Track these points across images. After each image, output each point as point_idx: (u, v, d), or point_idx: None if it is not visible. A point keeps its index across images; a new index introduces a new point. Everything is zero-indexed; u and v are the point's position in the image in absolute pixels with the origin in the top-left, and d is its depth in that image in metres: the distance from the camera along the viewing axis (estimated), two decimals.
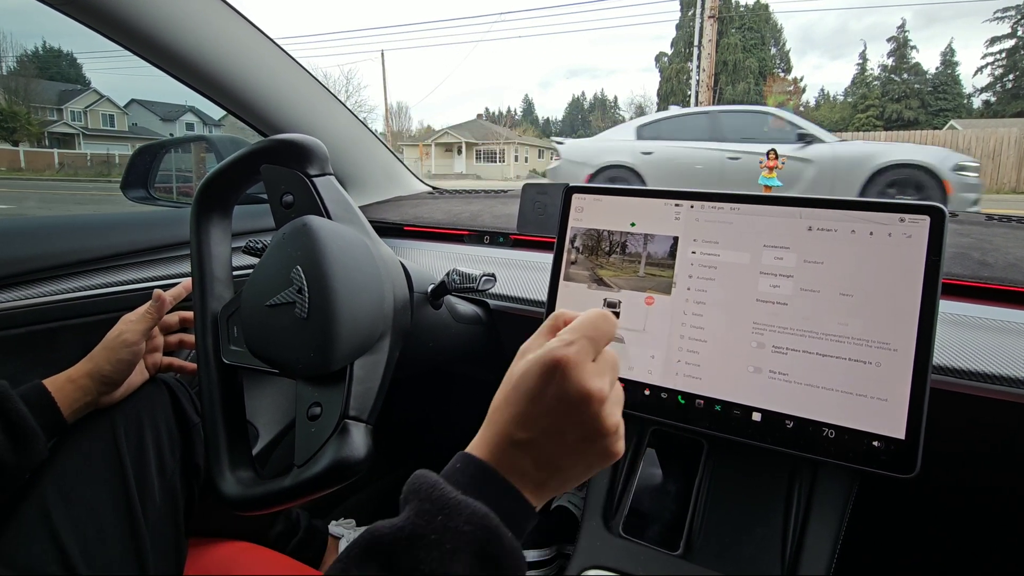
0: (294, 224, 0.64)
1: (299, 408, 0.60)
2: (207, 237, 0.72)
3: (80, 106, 28.14)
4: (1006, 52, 34.33)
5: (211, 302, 0.71)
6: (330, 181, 0.68)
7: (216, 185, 0.71)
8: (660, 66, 39.92)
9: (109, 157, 23.78)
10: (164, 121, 30.73)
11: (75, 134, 26.93)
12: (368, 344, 0.62)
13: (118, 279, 0.90)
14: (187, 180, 1.52)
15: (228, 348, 0.68)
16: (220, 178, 0.71)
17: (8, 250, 0.82)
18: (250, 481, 0.63)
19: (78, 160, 24.31)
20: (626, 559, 0.71)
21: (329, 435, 0.57)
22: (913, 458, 0.57)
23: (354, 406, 0.59)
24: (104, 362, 0.67)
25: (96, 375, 0.67)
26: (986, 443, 0.69)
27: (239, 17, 1.00)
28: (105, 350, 0.68)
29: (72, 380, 0.66)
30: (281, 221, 0.67)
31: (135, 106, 31.07)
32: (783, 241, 0.65)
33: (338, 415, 0.58)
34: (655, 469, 0.77)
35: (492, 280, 0.77)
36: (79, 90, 29.29)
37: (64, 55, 34.87)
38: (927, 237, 0.59)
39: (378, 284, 0.64)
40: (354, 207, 0.69)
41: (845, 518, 0.66)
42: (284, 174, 0.67)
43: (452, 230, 1.22)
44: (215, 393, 0.67)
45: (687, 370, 0.68)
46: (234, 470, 0.63)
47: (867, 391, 0.59)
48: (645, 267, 0.72)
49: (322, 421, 0.58)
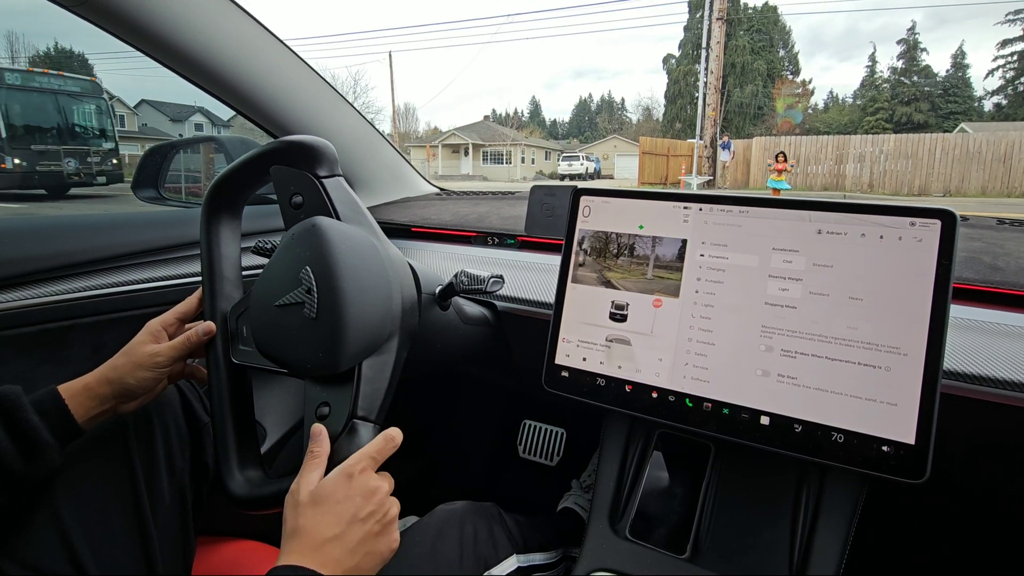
0: (303, 225, 0.64)
1: (308, 408, 0.61)
2: (217, 237, 0.72)
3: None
4: (1018, 55, 34.09)
5: (220, 302, 0.71)
6: (339, 182, 0.68)
7: (226, 186, 0.72)
8: (667, 68, 39.81)
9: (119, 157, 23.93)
10: (173, 121, 30.89)
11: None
12: (376, 344, 0.63)
13: (129, 278, 0.91)
14: (197, 180, 1.53)
15: (237, 348, 0.69)
16: (230, 179, 0.71)
17: (20, 249, 0.83)
18: (258, 480, 0.63)
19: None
20: (632, 562, 0.71)
21: (338, 435, 0.58)
22: (923, 463, 0.56)
23: (362, 406, 0.59)
24: (129, 376, 0.64)
25: (117, 385, 0.64)
26: (996, 448, 0.68)
27: (249, 18, 1.01)
28: (132, 364, 0.64)
29: (89, 388, 0.63)
30: (290, 222, 0.67)
31: (145, 106, 31.24)
32: (792, 244, 0.65)
33: (347, 415, 0.58)
34: (662, 472, 0.77)
35: (500, 282, 0.77)
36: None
37: (75, 55, 35.06)
38: (938, 241, 0.59)
39: (386, 284, 0.64)
40: (363, 208, 0.69)
41: (854, 522, 0.65)
42: (294, 175, 0.67)
43: (460, 231, 1.22)
44: (224, 393, 0.68)
45: (695, 373, 0.68)
46: (243, 469, 0.64)
47: (877, 395, 0.59)
48: (653, 270, 0.72)
49: (331, 421, 0.59)
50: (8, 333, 0.79)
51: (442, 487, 1.51)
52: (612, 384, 0.73)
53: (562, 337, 0.77)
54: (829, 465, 0.62)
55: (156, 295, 0.92)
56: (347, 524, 0.49)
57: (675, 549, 0.70)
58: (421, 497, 1.46)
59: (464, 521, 0.79)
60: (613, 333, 0.73)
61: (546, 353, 0.78)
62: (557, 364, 0.77)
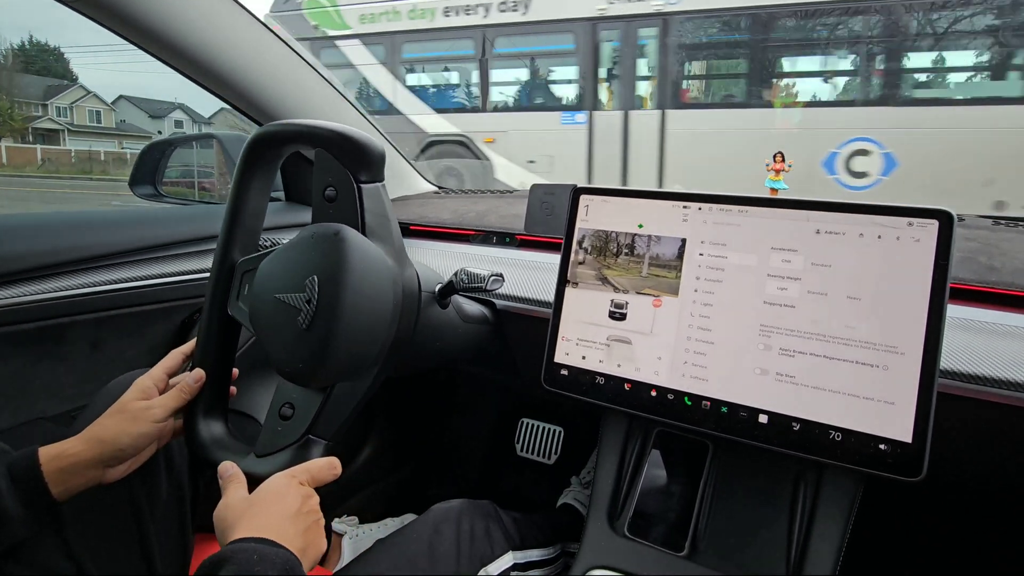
0: (327, 229, 0.63)
1: (275, 400, 0.64)
2: (247, 185, 0.70)
3: (66, 102, 27.68)
4: None
5: (233, 251, 0.70)
6: (377, 190, 0.66)
7: (271, 140, 0.69)
8: None
9: (94, 154, 23.41)
10: (153, 118, 30.25)
11: (60, 130, 26.48)
12: (356, 372, 0.64)
13: (125, 275, 0.90)
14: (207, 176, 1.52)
15: (235, 302, 0.69)
16: (277, 136, 0.68)
17: (18, 246, 0.82)
18: (219, 435, 0.67)
19: (62, 156, 23.90)
20: (631, 559, 0.71)
21: (290, 443, 0.61)
22: (920, 462, 0.57)
23: (321, 424, 0.62)
24: (123, 435, 0.60)
25: (109, 445, 0.59)
26: (992, 447, 0.69)
27: (237, 5, 0.99)
28: (126, 421, 0.60)
29: (75, 452, 0.58)
30: (318, 210, 0.66)
31: (123, 102, 30.59)
32: (791, 244, 0.65)
33: (305, 427, 0.62)
34: (660, 470, 0.78)
35: (500, 280, 0.77)
36: (65, 86, 28.85)
37: (51, 50, 34.28)
38: (935, 241, 0.59)
39: (386, 314, 0.64)
40: (392, 222, 0.68)
41: (850, 520, 0.66)
42: (335, 168, 0.65)
43: (458, 230, 1.22)
44: (212, 340, 0.69)
45: (694, 371, 0.69)
46: (207, 418, 0.67)
47: (874, 394, 0.60)
48: (652, 268, 0.73)
49: (290, 425, 0.62)
50: (6, 330, 0.78)
51: (439, 485, 1.51)
52: (611, 382, 0.74)
53: (561, 336, 0.78)
54: (827, 463, 0.63)
55: (154, 292, 0.92)
56: (294, 514, 0.52)
57: (673, 547, 0.71)
58: (418, 495, 1.46)
59: (460, 518, 0.79)
60: (613, 332, 0.74)
61: (545, 351, 0.78)
62: (556, 362, 0.78)
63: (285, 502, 0.53)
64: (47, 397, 0.85)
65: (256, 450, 0.63)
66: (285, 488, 0.54)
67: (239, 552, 0.46)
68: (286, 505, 0.52)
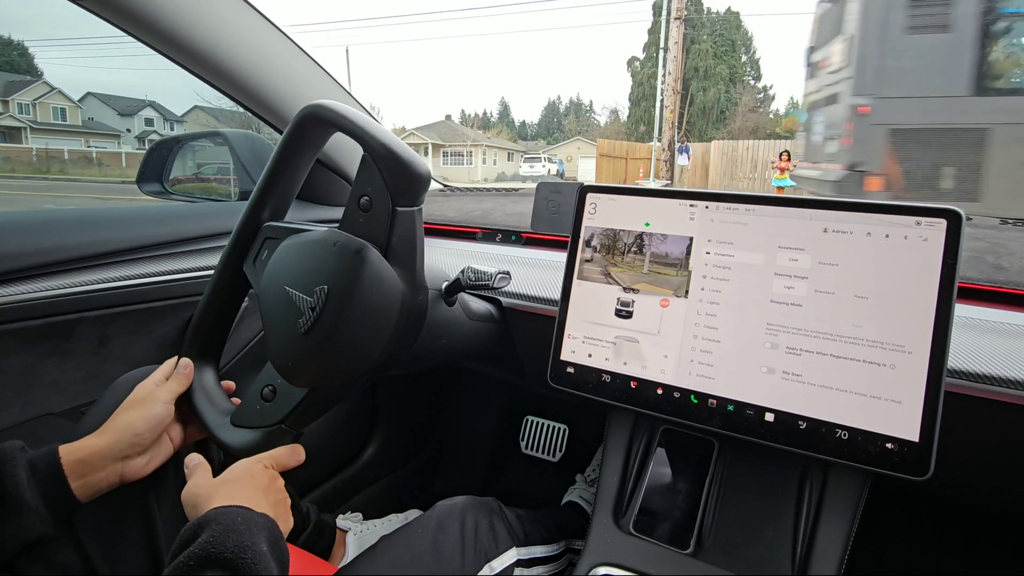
0: (351, 244, 0.62)
1: (261, 377, 0.67)
2: (291, 153, 0.69)
3: (28, 98, 25.99)
4: None
5: (262, 212, 0.71)
6: (411, 215, 0.64)
7: (325, 117, 0.66)
8: (632, 70, 38.86)
9: (56, 152, 22.08)
10: (122, 116, 28.89)
11: (22, 127, 24.82)
12: (340, 382, 0.65)
13: (133, 272, 0.91)
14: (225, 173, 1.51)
15: (251, 263, 0.71)
16: (329, 116, 0.66)
17: (25, 243, 0.83)
18: (210, 385, 0.71)
19: (22, 154, 22.45)
20: (636, 557, 0.71)
21: (263, 426, 0.65)
22: (927, 460, 0.57)
23: (296, 416, 0.65)
24: (138, 419, 0.62)
25: (125, 432, 0.61)
26: (999, 446, 0.69)
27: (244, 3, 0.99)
28: (137, 405, 0.63)
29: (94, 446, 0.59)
30: (350, 214, 0.65)
31: (91, 100, 28.98)
32: (798, 242, 0.65)
33: (280, 416, 0.64)
34: (665, 468, 0.78)
35: (507, 278, 0.77)
36: (28, 81, 27.16)
37: (14, 44, 32.62)
38: (943, 240, 0.59)
39: (382, 340, 0.64)
40: (418, 249, 0.66)
41: (856, 519, 0.66)
42: (376, 181, 0.63)
43: (464, 227, 1.22)
44: (220, 291, 0.72)
45: (700, 370, 0.69)
46: (201, 363, 0.71)
47: (881, 393, 0.59)
48: (659, 266, 0.73)
49: (268, 408, 0.65)
50: (15, 326, 0.79)
51: (444, 482, 1.51)
52: (617, 380, 0.74)
53: (568, 333, 0.78)
54: (833, 462, 0.62)
55: (161, 289, 0.92)
56: (264, 489, 0.57)
57: (679, 544, 0.71)
58: (423, 492, 1.47)
59: (465, 515, 0.80)
60: (620, 331, 0.74)
61: (552, 349, 0.78)
62: (563, 360, 0.78)
63: (255, 479, 0.57)
64: (55, 393, 0.85)
65: (232, 419, 0.67)
66: (252, 468, 0.59)
67: (222, 514, 0.49)
68: (256, 481, 0.57)
